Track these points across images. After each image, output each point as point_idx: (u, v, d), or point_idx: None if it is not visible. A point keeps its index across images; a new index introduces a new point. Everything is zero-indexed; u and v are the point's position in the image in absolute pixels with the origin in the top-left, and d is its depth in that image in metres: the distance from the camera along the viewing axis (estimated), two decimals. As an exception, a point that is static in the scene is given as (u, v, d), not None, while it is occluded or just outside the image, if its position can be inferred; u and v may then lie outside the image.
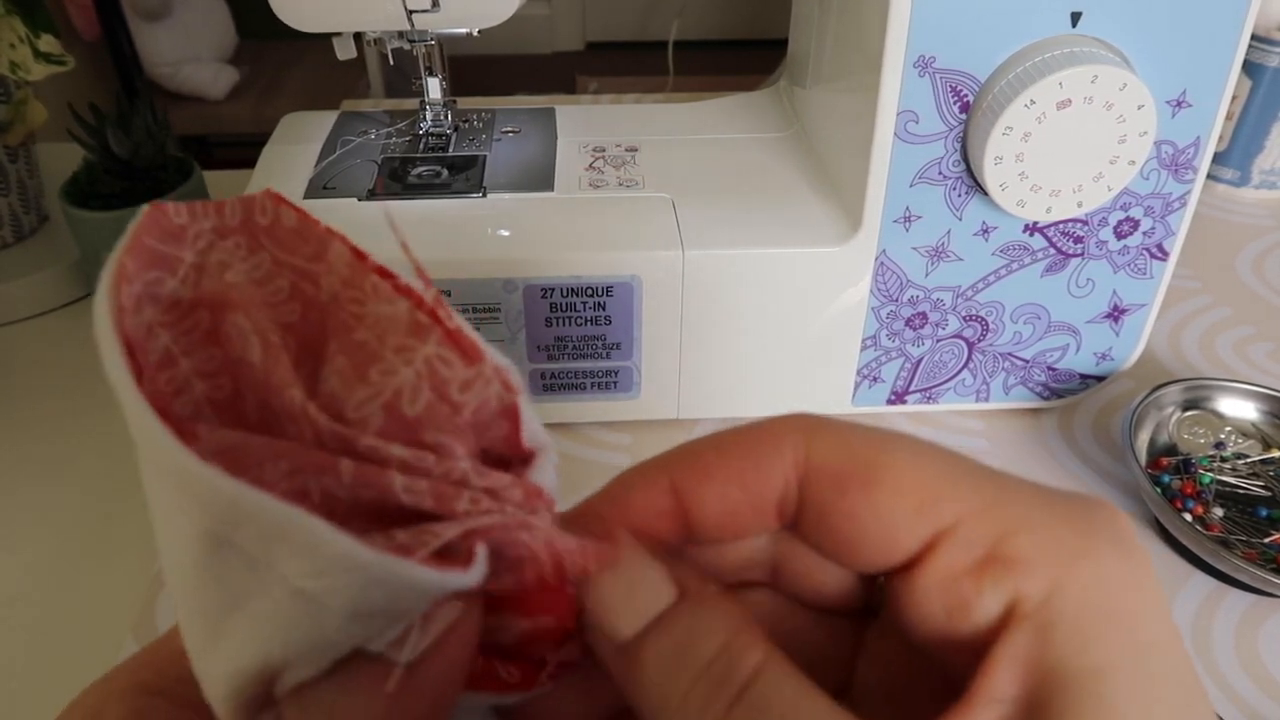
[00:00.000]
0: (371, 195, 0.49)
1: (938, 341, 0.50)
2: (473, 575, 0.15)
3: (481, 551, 0.15)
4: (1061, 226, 0.47)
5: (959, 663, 0.16)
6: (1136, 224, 0.47)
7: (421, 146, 0.53)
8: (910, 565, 0.16)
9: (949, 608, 0.15)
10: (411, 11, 0.46)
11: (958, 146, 0.44)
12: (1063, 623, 0.14)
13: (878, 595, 0.19)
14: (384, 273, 0.17)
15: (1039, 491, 0.16)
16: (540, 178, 0.51)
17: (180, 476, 0.15)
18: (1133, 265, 0.49)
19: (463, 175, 0.51)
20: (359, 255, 0.17)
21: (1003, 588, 0.15)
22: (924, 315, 0.49)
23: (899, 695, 0.18)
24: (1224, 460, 0.48)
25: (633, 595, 0.16)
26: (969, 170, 0.45)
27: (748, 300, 0.48)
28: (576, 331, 0.48)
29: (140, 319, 0.17)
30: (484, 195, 0.49)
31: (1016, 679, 0.15)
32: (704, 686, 0.15)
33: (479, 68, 2.41)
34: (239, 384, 0.16)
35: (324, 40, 0.49)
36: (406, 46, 0.50)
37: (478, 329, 0.48)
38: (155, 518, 0.16)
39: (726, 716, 0.15)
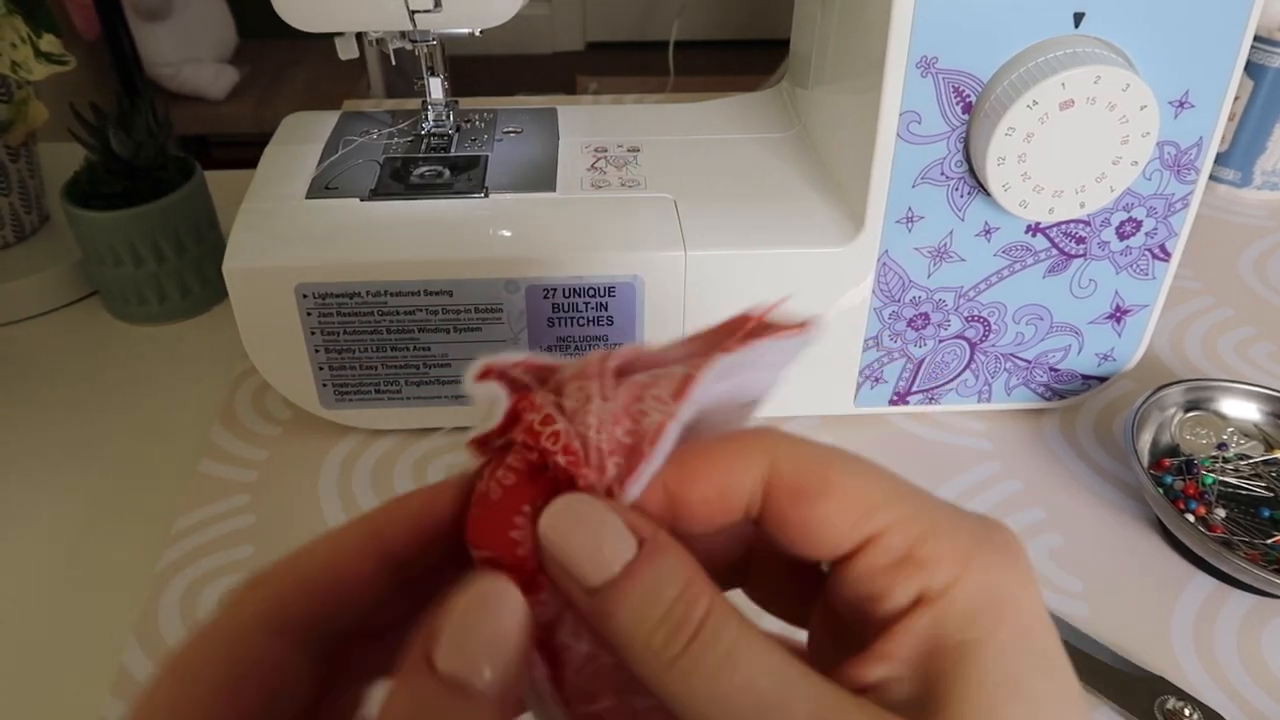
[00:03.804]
0: (374, 195, 0.49)
1: (940, 342, 0.50)
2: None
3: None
4: (1064, 227, 0.47)
5: (871, 634, 0.20)
6: (1139, 225, 0.47)
7: (423, 146, 0.53)
8: (845, 559, 0.20)
9: (872, 595, 0.20)
10: (414, 12, 0.46)
11: (960, 147, 0.44)
12: (955, 608, 0.19)
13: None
14: None
15: (951, 510, 0.20)
16: (542, 178, 0.51)
17: None
18: (1135, 266, 0.49)
19: (465, 175, 0.51)
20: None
21: (914, 581, 0.19)
22: (926, 316, 0.49)
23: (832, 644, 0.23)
24: (1226, 461, 0.48)
25: (599, 548, 0.19)
26: (971, 171, 0.45)
27: (749, 301, 0.47)
28: (579, 332, 0.48)
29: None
30: (486, 195, 0.49)
31: (909, 646, 0.19)
32: (666, 628, 0.19)
33: (479, 68, 2.41)
34: None
35: (325, 40, 0.49)
36: (408, 47, 0.50)
37: (480, 329, 0.48)
38: None
39: (685, 651, 0.18)
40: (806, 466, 0.20)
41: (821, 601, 0.23)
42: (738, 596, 0.24)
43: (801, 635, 0.24)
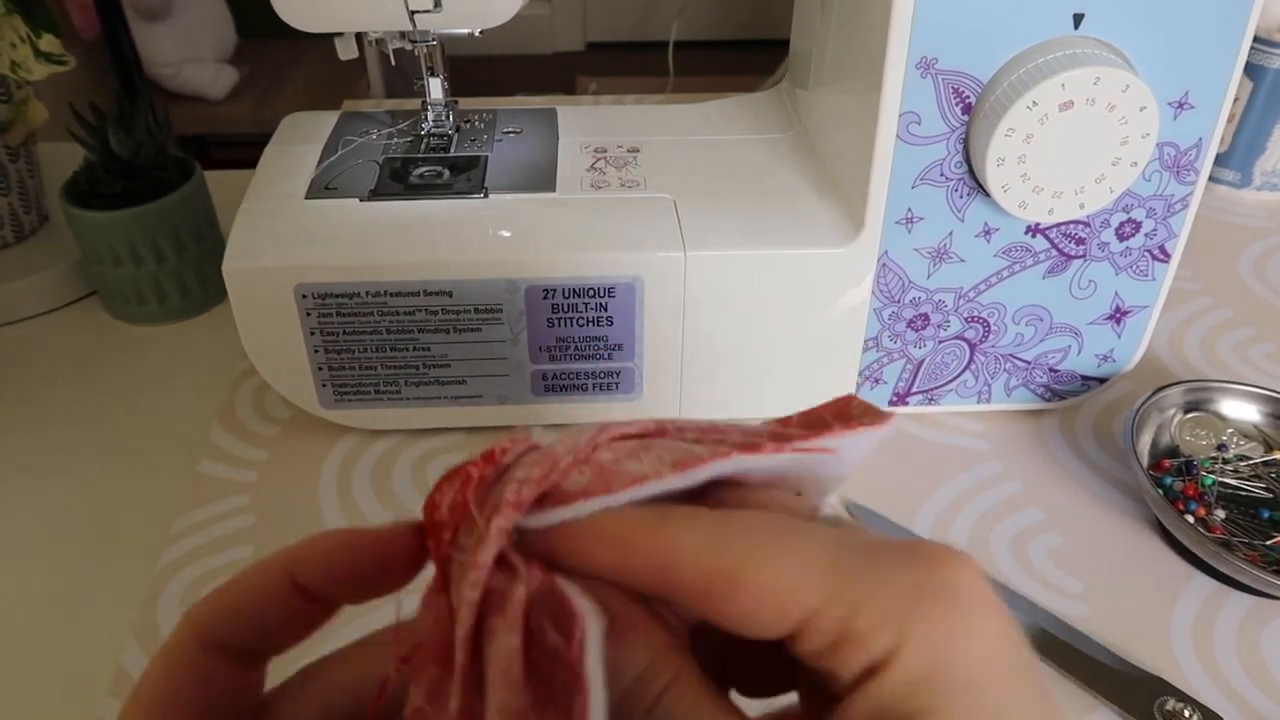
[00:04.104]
0: (373, 195, 0.49)
1: (939, 343, 0.50)
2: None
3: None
4: (1063, 228, 0.47)
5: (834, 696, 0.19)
6: (1138, 226, 0.47)
7: (423, 147, 0.53)
8: (786, 640, 0.19)
9: (821, 674, 0.19)
10: (413, 12, 0.46)
11: (960, 148, 0.44)
12: (897, 678, 0.18)
13: None
14: None
15: (880, 562, 0.19)
16: (542, 178, 0.51)
17: None
18: (1134, 267, 0.49)
19: (464, 176, 0.51)
20: None
21: (854, 660, 0.18)
22: (926, 317, 0.49)
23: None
24: (1226, 462, 0.48)
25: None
26: (971, 172, 0.45)
27: (749, 301, 0.48)
28: (578, 332, 0.48)
29: None
30: (486, 196, 0.49)
31: (864, 716, 0.18)
32: (626, 704, 0.19)
33: (479, 68, 2.41)
34: None
35: (324, 40, 0.49)
36: (408, 47, 0.50)
37: (479, 330, 0.48)
38: None
39: None
40: (705, 565, 0.19)
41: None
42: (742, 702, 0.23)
43: None
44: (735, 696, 0.22)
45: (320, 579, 0.22)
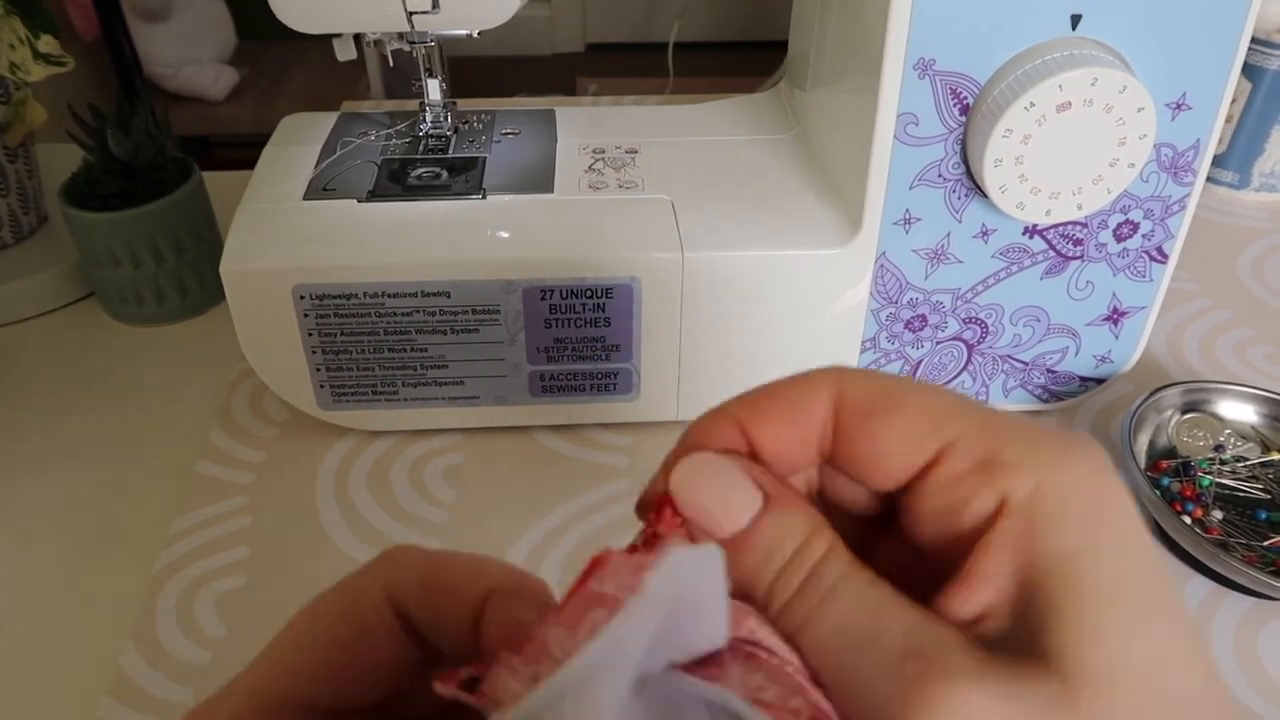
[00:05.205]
0: (371, 197, 0.49)
1: (937, 344, 0.50)
2: None
3: None
4: (1061, 229, 0.47)
5: (958, 558, 0.19)
6: (1136, 227, 0.47)
7: (421, 148, 0.53)
8: (920, 475, 0.20)
9: (952, 505, 0.19)
10: (412, 13, 0.46)
11: (957, 149, 0.44)
12: (1043, 514, 0.18)
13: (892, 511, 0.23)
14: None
15: (1027, 421, 0.19)
16: (540, 179, 0.51)
17: None
18: (1132, 268, 0.49)
19: (462, 177, 0.51)
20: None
21: (995, 486, 0.18)
22: (923, 317, 0.49)
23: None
24: (1223, 463, 0.48)
25: (729, 505, 0.20)
26: (969, 172, 0.45)
27: (747, 302, 0.48)
28: (576, 333, 0.48)
29: None
30: (484, 197, 0.49)
31: (1007, 559, 0.18)
32: (784, 576, 0.19)
33: (478, 69, 2.41)
34: None
35: (324, 41, 0.49)
36: (406, 48, 0.50)
37: (477, 330, 0.48)
38: None
39: (796, 595, 0.19)
40: (876, 386, 0.20)
41: (882, 556, 0.22)
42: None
43: None
44: None
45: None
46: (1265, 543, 0.45)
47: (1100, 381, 0.53)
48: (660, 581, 0.16)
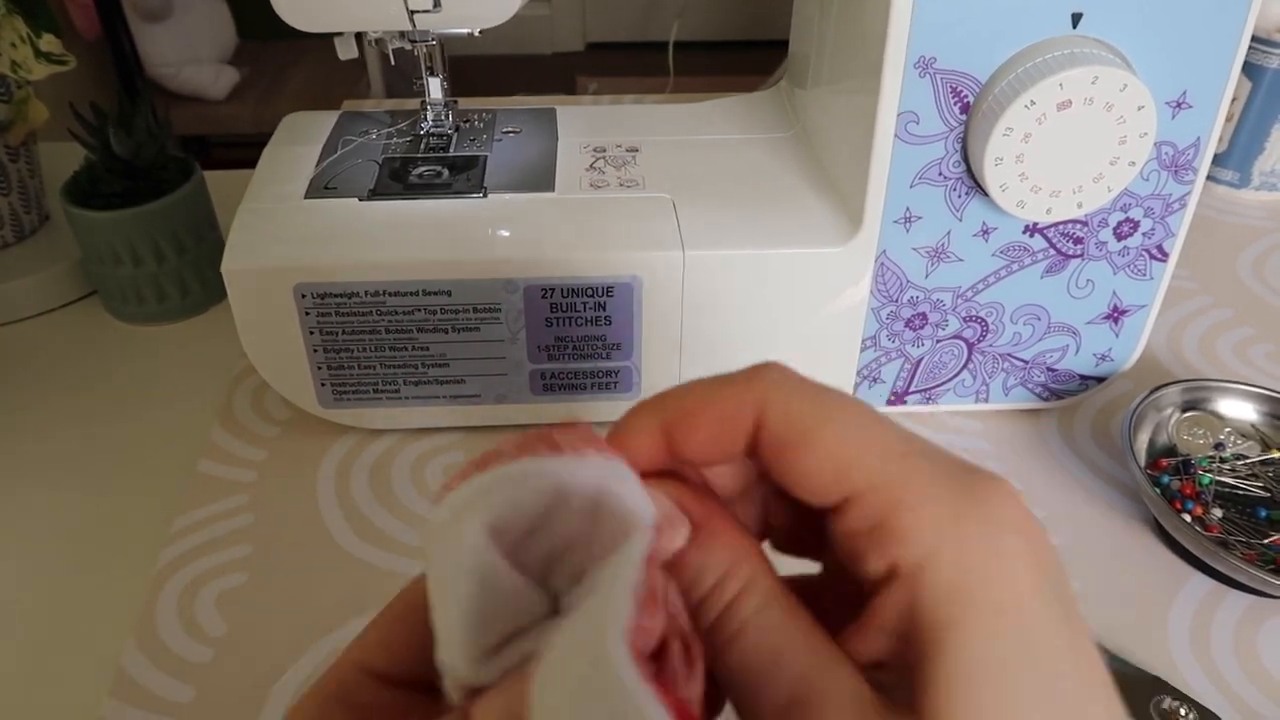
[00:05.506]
0: (373, 195, 0.49)
1: (937, 342, 0.50)
2: None
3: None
4: (1061, 227, 0.47)
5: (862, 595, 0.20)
6: (1136, 225, 0.47)
7: (422, 146, 0.53)
8: (831, 512, 0.20)
9: (850, 555, 0.20)
10: (413, 12, 0.46)
11: (958, 147, 0.44)
12: (925, 587, 0.18)
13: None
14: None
15: (937, 471, 0.19)
16: (541, 178, 0.51)
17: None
18: (1132, 266, 0.49)
19: (464, 175, 0.51)
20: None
21: (885, 553, 0.19)
22: (924, 316, 0.49)
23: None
24: (1223, 461, 0.48)
25: (660, 532, 0.20)
26: (969, 171, 0.45)
27: (747, 300, 0.48)
28: (577, 332, 0.48)
29: None
30: (485, 195, 0.50)
31: (894, 620, 0.19)
32: (705, 605, 0.20)
33: (478, 68, 2.41)
34: None
35: (324, 41, 0.49)
36: (408, 47, 0.51)
37: (478, 329, 0.48)
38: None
39: (714, 623, 0.20)
40: (792, 414, 0.20)
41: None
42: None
43: None
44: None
45: None
46: (1265, 541, 0.45)
47: (1100, 380, 0.53)
48: (593, 460, 0.19)
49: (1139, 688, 0.40)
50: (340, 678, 0.22)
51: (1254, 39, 0.68)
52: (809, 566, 0.24)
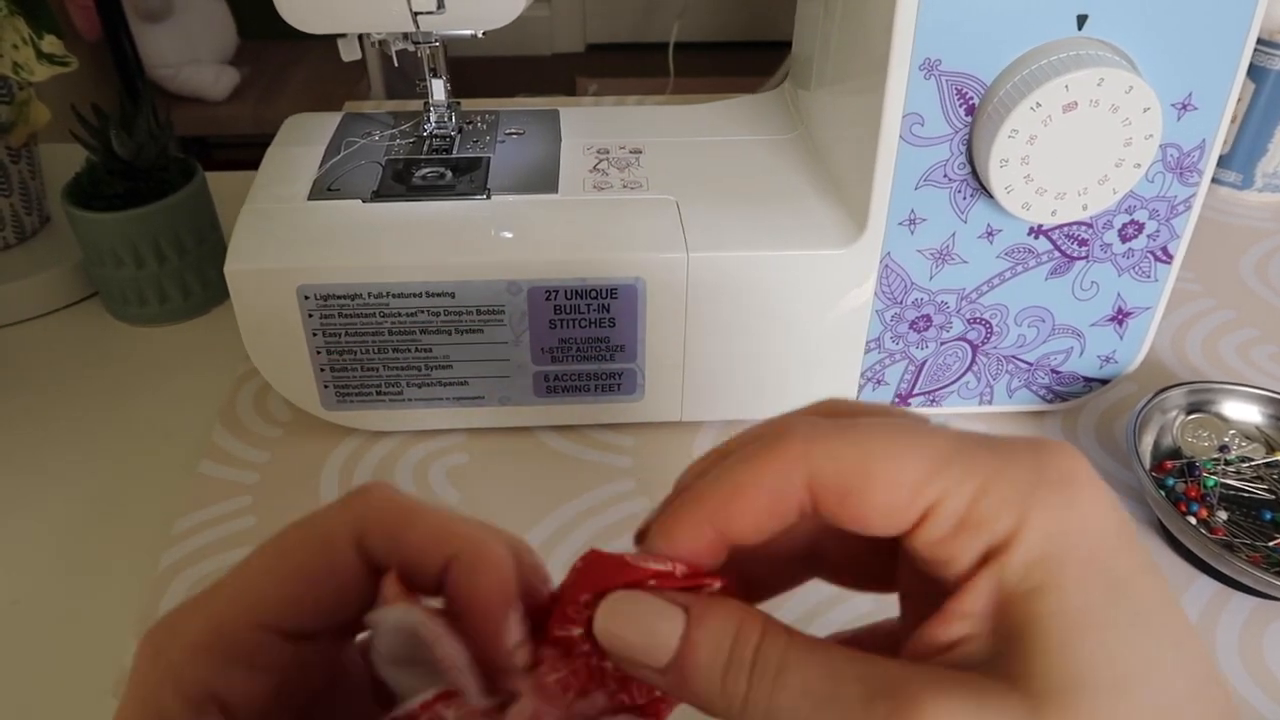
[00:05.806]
0: (376, 197, 0.49)
1: (942, 344, 0.50)
2: None
3: None
4: (1066, 229, 0.47)
5: (946, 592, 0.21)
6: (1141, 227, 0.47)
7: (425, 148, 0.53)
8: (906, 533, 0.21)
9: (939, 561, 0.20)
10: (417, 13, 0.46)
11: (963, 149, 0.44)
12: (1016, 558, 0.19)
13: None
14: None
15: (996, 453, 0.20)
16: (544, 179, 0.51)
17: None
18: (1137, 268, 0.49)
19: (467, 177, 0.51)
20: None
21: (976, 542, 0.20)
22: (928, 318, 0.49)
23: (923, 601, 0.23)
24: (1228, 463, 0.48)
25: (654, 633, 0.21)
26: (974, 173, 0.45)
27: (751, 302, 0.48)
28: (580, 334, 0.48)
29: None
30: (488, 197, 0.49)
31: (979, 601, 0.20)
32: (732, 674, 0.20)
33: (478, 69, 2.41)
34: None
35: (325, 41, 0.49)
36: (410, 48, 0.50)
37: (481, 331, 0.48)
38: None
39: (750, 686, 0.20)
40: (843, 464, 0.20)
41: (902, 563, 0.24)
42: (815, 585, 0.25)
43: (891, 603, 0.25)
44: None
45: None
46: (1270, 543, 0.45)
47: (1105, 382, 0.53)
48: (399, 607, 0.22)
49: (1145, 691, 0.40)
50: (234, 638, 0.22)
51: (1259, 41, 0.68)
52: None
